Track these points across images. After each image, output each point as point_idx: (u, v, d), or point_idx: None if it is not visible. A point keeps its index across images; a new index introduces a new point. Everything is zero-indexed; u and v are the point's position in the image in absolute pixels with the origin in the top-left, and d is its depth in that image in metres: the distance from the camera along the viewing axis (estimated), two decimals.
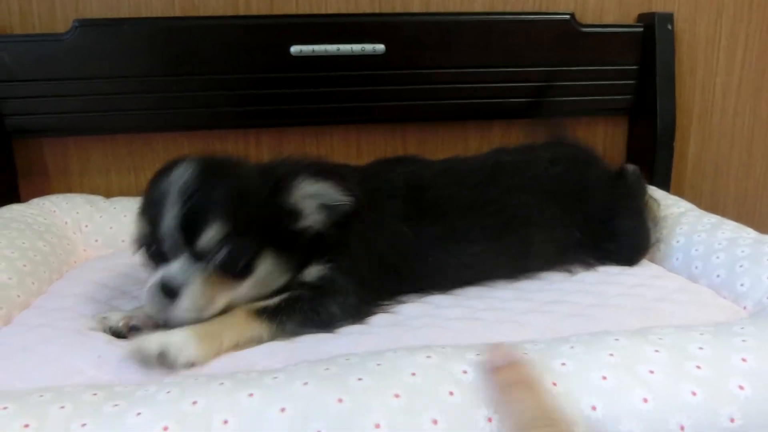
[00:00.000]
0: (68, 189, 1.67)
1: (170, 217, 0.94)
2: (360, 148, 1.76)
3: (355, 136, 1.77)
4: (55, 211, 1.50)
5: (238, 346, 0.94)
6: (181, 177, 0.97)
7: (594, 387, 0.71)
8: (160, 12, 1.62)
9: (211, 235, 0.94)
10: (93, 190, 1.66)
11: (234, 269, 0.97)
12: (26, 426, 0.65)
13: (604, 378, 0.72)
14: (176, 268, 0.95)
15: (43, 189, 1.65)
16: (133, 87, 1.59)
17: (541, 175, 1.29)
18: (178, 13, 1.63)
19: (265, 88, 1.62)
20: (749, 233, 1.27)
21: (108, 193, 1.65)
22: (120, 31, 1.56)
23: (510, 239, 1.22)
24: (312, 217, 1.04)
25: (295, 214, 1.03)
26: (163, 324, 1.01)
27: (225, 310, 0.99)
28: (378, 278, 1.10)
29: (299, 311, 1.00)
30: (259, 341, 0.95)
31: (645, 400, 0.70)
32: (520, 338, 0.88)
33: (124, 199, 1.61)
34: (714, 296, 1.15)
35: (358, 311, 1.04)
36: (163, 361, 0.86)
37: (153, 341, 0.87)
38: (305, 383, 0.70)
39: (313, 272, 1.06)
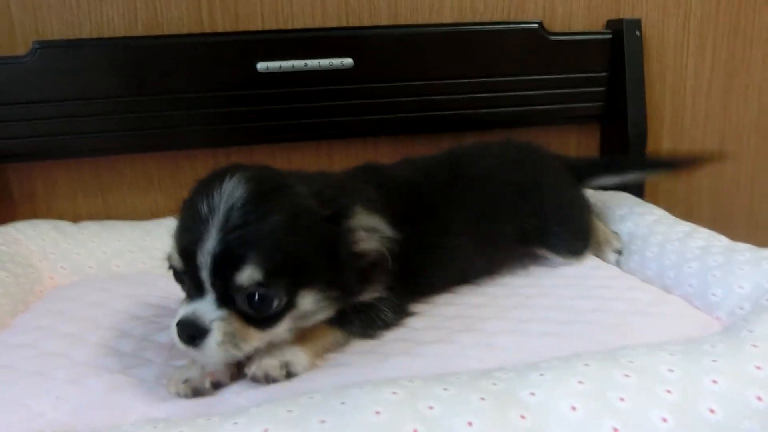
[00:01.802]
0: (34, 214, 1.63)
1: (206, 248, 0.86)
2: (332, 163, 1.74)
3: (326, 151, 1.75)
4: (20, 239, 1.46)
5: (327, 350, 0.99)
6: (227, 197, 0.88)
7: (563, 418, 0.70)
8: (123, 31, 1.59)
9: (247, 276, 0.86)
10: (60, 215, 1.63)
11: (268, 314, 0.90)
12: None
13: (573, 408, 0.71)
14: (203, 307, 0.88)
15: (9, 215, 1.61)
16: (97, 109, 1.55)
17: (492, 169, 1.35)
18: (141, 32, 1.60)
19: (233, 105, 1.60)
20: (721, 241, 1.26)
21: (76, 218, 1.62)
22: (82, 52, 1.53)
23: (474, 231, 1.26)
24: (365, 247, 0.98)
25: (349, 244, 0.96)
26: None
27: None
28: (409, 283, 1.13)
29: (362, 319, 1.04)
30: (338, 346, 1.00)
31: (615, 430, 0.68)
32: (493, 363, 0.87)
33: (92, 224, 1.58)
34: (687, 307, 1.14)
35: (401, 317, 1.10)
36: (288, 373, 0.90)
37: (274, 361, 0.90)
38: (265, 430, 0.68)
39: (366, 296, 1.05)
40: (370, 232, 0.98)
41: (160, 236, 1.51)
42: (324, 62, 1.60)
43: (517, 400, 0.72)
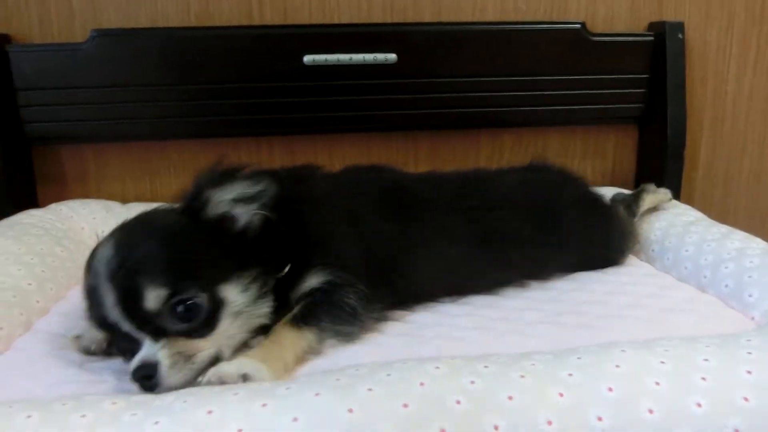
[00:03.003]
0: (85, 195, 1.70)
1: (110, 302, 0.87)
2: (371, 156, 1.78)
3: (366, 144, 1.79)
4: (72, 217, 1.53)
5: (299, 360, 0.93)
6: (103, 261, 0.89)
7: (601, 398, 0.72)
8: (176, 22, 1.65)
9: (154, 298, 0.86)
10: (109, 196, 1.69)
11: (201, 321, 0.89)
12: None
13: (611, 389, 0.73)
14: (145, 350, 0.87)
15: (61, 195, 1.68)
16: (149, 95, 1.62)
17: (515, 192, 1.34)
18: (193, 23, 1.66)
19: (278, 96, 1.65)
20: (758, 244, 1.27)
21: (123, 199, 1.69)
22: (137, 40, 1.59)
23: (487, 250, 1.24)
24: (243, 216, 0.97)
25: (227, 223, 0.96)
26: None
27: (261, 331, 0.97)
28: (366, 271, 1.09)
29: (327, 310, 0.99)
30: (312, 349, 0.95)
31: (651, 411, 0.71)
32: (529, 349, 0.89)
33: (140, 205, 1.63)
34: (722, 306, 1.16)
35: (370, 301, 1.04)
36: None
37: (232, 370, 0.85)
38: (317, 394, 0.72)
39: (313, 281, 1.03)
40: (236, 203, 0.96)
41: None
42: (368, 57, 1.63)
43: (556, 380, 0.75)
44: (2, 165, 1.56)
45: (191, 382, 0.87)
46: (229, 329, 0.92)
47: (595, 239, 1.36)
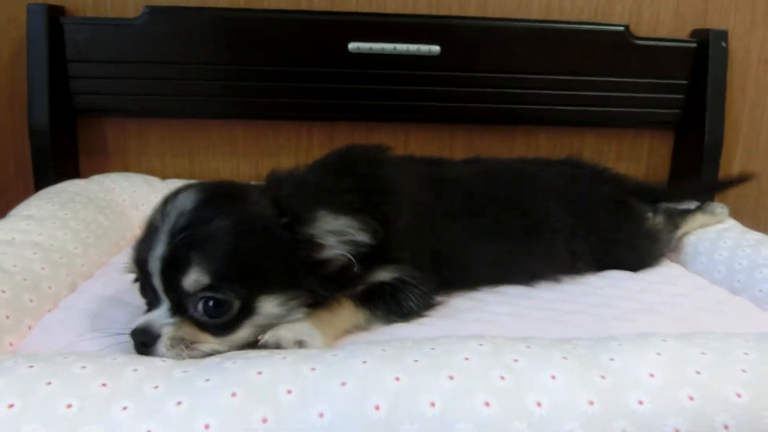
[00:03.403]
0: (125, 168, 1.74)
1: (155, 254, 0.87)
2: (408, 146, 1.79)
3: (403, 133, 1.80)
4: (114, 189, 1.57)
5: (347, 332, 0.96)
6: (177, 210, 0.89)
7: (642, 383, 0.74)
8: (226, 3, 1.68)
9: (193, 279, 0.85)
10: (149, 171, 1.73)
11: (222, 321, 0.88)
12: (104, 385, 0.70)
13: (652, 375, 0.74)
14: (155, 316, 0.88)
15: (102, 167, 1.72)
16: (195, 74, 1.65)
17: (559, 187, 1.35)
18: (242, 5, 1.68)
19: (321, 82, 1.67)
20: None
21: (163, 175, 1.72)
22: (187, 19, 1.62)
23: (531, 243, 1.26)
24: (333, 251, 0.94)
25: (316, 248, 0.93)
26: None
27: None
28: (432, 272, 1.12)
29: (385, 303, 1.02)
30: (360, 327, 0.98)
31: (691, 398, 0.72)
32: (567, 336, 0.91)
33: (179, 182, 1.66)
34: (755, 309, 1.17)
35: (427, 303, 1.07)
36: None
37: (288, 335, 0.88)
38: (364, 361, 0.74)
39: (385, 275, 1.04)
40: (336, 236, 0.93)
41: None
42: (412, 47, 1.65)
43: (598, 363, 0.76)
44: (49, 134, 1.60)
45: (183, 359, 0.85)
46: (244, 335, 0.91)
47: (621, 240, 1.36)
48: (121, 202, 1.54)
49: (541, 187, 1.34)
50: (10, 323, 0.94)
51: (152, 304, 0.91)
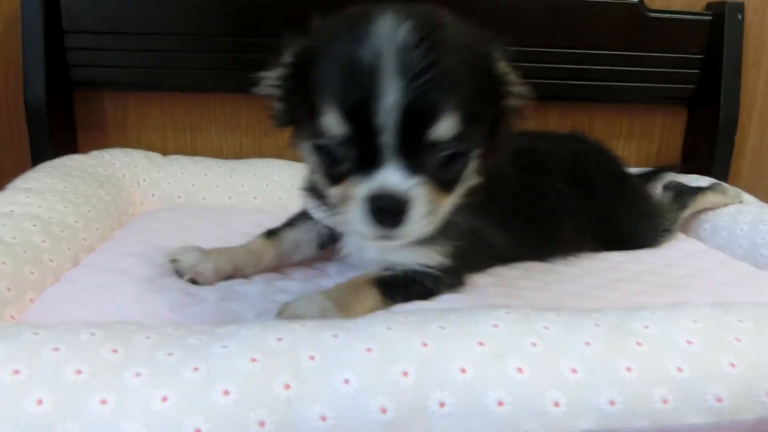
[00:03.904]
0: (125, 144, 1.69)
1: (387, 102, 0.70)
2: None
3: None
4: (114, 164, 1.52)
5: (365, 312, 0.87)
6: (394, 43, 0.72)
7: (679, 349, 0.70)
8: None
9: (447, 129, 0.73)
10: (149, 147, 1.68)
11: (459, 169, 0.78)
12: (114, 351, 0.66)
13: (690, 342, 0.71)
14: (393, 177, 0.74)
15: (100, 142, 1.67)
16: (197, 45, 1.60)
17: (566, 164, 1.30)
18: None
19: None
20: None
21: (163, 151, 1.67)
22: None
23: (548, 221, 1.22)
24: (515, 98, 0.86)
25: (505, 92, 0.85)
26: (227, 277, 1.02)
27: None
28: (478, 259, 1.07)
29: (410, 291, 0.94)
30: (378, 309, 0.90)
31: (732, 365, 0.69)
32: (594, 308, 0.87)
33: (181, 157, 1.63)
34: None
35: (456, 289, 1.01)
36: None
37: (305, 309, 0.82)
38: (389, 327, 0.70)
39: (431, 258, 0.95)
40: (512, 84, 0.87)
41: (245, 174, 1.55)
42: None
43: (632, 330, 0.73)
44: (46, 108, 1.55)
45: (423, 236, 0.78)
46: (462, 189, 0.82)
47: (623, 215, 1.33)
48: (121, 178, 1.49)
49: (550, 166, 1.29)
50: (11, 295, 0.90)
51: (361, 167, 0.75)
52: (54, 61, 1.56)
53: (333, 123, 0.74)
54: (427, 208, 0.74)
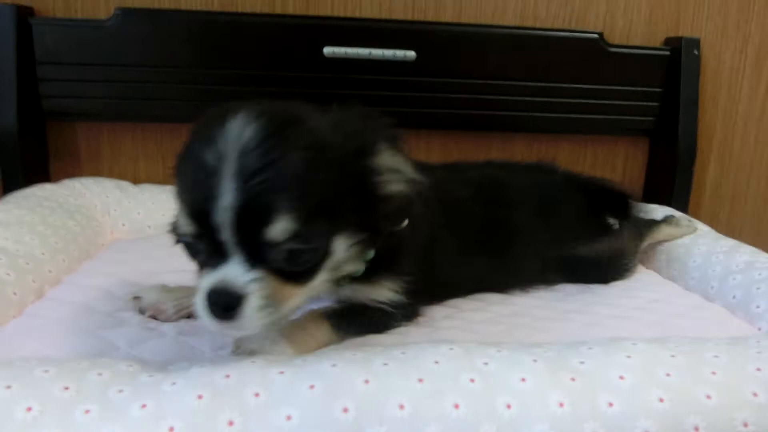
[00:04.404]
0: (97, 173, 1.71)
1: (223, 203, 0.72)
2: None
3: None
4: (85, 194, 1.54)
5: (319, 347, 0.89)
6: (236, 144, 0.73)
7: (612, 385, 0.73)
8: (200, 5, 1.66)
9: (281, 229, 0.74)
10: (121, 176, 1.70)
11: (307, 267, 0.80)
12: (66, 388, 0.68)
13: (622, 378, 0.74)
14: (233, 271, 0.76)
15: (73, 172, 1.69)
16: (168, 77, 1.63)
17: (532, 196, 1.31)
18: (216, 8, 1.67)
19: (296, 86, 1.66)
20: (767, 258, 1.29)
21: (135, 180, 1.69)
22: (160, 21, 1.60)
23: (508, 254, 1.24)
24: (392, 189, 0.85)
25: (375, 184, 0.84)
26: (188, 316, 1.03)
27: None
28: (430, 291, 1.09)
29: (366, 325, 0.96)
30: (332, 343, 0.91)
31: (661, 400, 0.72)
32: (539, 341, 0.90)
33: (152, 186, 1.65)
34: (729, 316, 1.17)
35: (411, 321, 1.04)
36: None
37: (257, 345, 0.84)
38: (333, 365, 0.73)
39: (382, 293, 0.97)
40: (394, 173, 0.85)
41: None
42: (388, 52, 1.65)
43: (568, 366, 0.76)
44: (17, 138, 1.57)
45: (261, 332, 0.79)
46: (320, 281, 0.83)
47: (587, 253, 1.33)
48: (93, 207, 1.51)
49: (515, 197, 1.31)
50: None
51: (211, 261, 0.77)
52: (26, 91, 1.58)
53: (184, 222, 0.78)
54: (263, 302, 0.76)
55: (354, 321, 0.96)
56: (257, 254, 0.76)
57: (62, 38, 1.58)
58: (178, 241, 0.85)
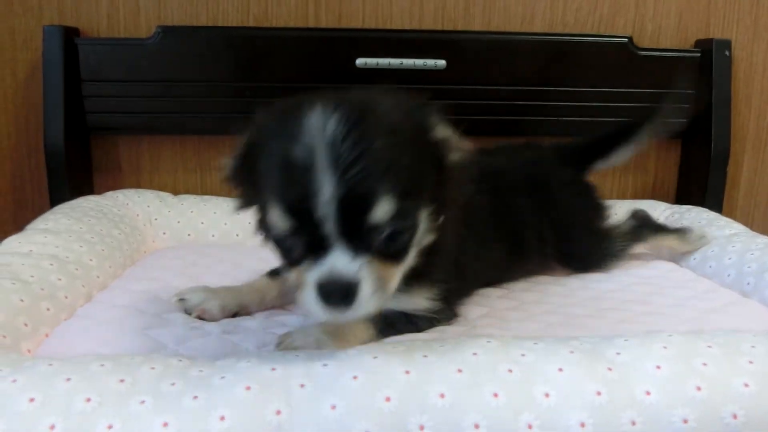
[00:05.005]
0: (138, 185, 1.77)
1: (324, 196, 0.74)
2: None
3: None
4: (128, 204, 1.59)
5: (356, 343, 0.89)
6: (326, 137, 0.76)
7: (648, 375, 0.74)
8: (236, 22, 1.72)
9: (383, 212, 0.77)
10: (161, 188, 1.76)
11: (402, 243, 0.83)
12: (122, 381, 0.71)
13: (659, 367, 0.75)
14: (341, 261, 0.77)
15: (115, 184, 1.75)
16: (206, 91, 1.68)
17: (527, 178, 1.35)
18: (252, 24, 1.72)
19: None
20: None
21: (175, 191, 1.75)
22: (198, 37, 1.66)
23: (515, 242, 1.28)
24: (454, 156, 0.89)
25: (440, 155, 0.88)
26: (233, 315, 1.08)
27: None
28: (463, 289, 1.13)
29: (405, 324, 0.99)
30: (369, 342, 0.93)
31: (699, 389, 0.73)
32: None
33: (191, 197, 1.70)
34: (766, 311, 1.17)
35: (450, 322, 1.07)
36: None
37: (301, 342, 0.88)
38: (375, 356, 0.76)
39: (421, 304, 1.00)
40: (450, 143, 0.90)
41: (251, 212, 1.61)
42: (418, 62, 1.68)
43: (604, 357, 0.77)
44: (64, 152, 1.63)
45: (375, 312, 0.82)
46: (411, 257, 0.87)
47: (574, 230, 1.38)
48: (135, 217, 1.57)
49: (513, 184, 1.33)
50: (27, 330, 0.96)
51: (310, 254, 0.79)
52: (72, 107, 1.65)
53: (277, 219, 0.79)
54: (375, 286, 0.78)
55: (395, 323, 0.99)
56: (359, 241, 0.78)
57: (106, 57, 1.65)
58: (268, 239, 0.86)
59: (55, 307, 1.04)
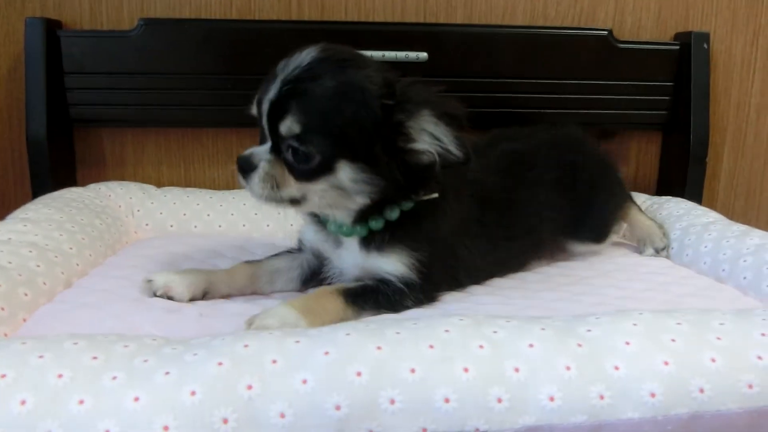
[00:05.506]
0: (122, 177, 1.77)
1: (267, 101, 1.00)
2: None
3: None
4: (110, 196, 1.59)
5: (333, 323, 0.90)
6: (295, 63, 1.00)
7: (617, 350, 0.75)
8: (219, 14, 1.72)
9: (287, 126, 0.97)
10: (145, 180, 1.76)
11: (306, 167, 1.00)
12: (94, 358, 0.72)
13: (628, 343, 0.76)
14: (258, 150, 1.03)
15: (99, 177, 1.75)
16: (190, 83, 1.68)
17: (545, 160, 1.38)
18: (235, 16, 1.73)
19: None
20: None
21: (158, 183, 1.75)
22: (181, 30, 1.66)
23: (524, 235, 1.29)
24: (421, 146, 1.00)
25: (404, 138, 1.00)
26: (202, 296, 1.10)
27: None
28: (447, 272, 1.15)
29: (377, 302, 1.04)
30: (347, 320, 0.97)
31: (666, 363, 0.74)
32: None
33: (174, 189, 1.70)
34: (740, 295, 1.19)
35: (425, 303, 1.09)
36: None
37: (271, 320, 0.92)
38: (347, 333, 0.76)
39: (393, 267, 1.06)
40: (430, 138, 0.99)
41: (236, 204, 1.62)
42: (401, 54, 1.69)
43: (575, 333, 0.78)
44: (47, 145, 1.63)
45: (267, 201, 1.03)
46: (319, 188, 1.02)
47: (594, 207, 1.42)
48: (117, 209, 1.57)
49: (533, 171, 1.35)
50: (5, 315, 0.97)
51: (261, 141, 1.06)
52: (55, 100, 1.64)
53: (252, 106, 1.08)
54: (265, 177, 1.01)
55: (367, 298, 1.02)
56: (276, 144, 1.01)
57: (89, 49, 1.65)
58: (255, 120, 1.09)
59: (33, 292, 1.04)
